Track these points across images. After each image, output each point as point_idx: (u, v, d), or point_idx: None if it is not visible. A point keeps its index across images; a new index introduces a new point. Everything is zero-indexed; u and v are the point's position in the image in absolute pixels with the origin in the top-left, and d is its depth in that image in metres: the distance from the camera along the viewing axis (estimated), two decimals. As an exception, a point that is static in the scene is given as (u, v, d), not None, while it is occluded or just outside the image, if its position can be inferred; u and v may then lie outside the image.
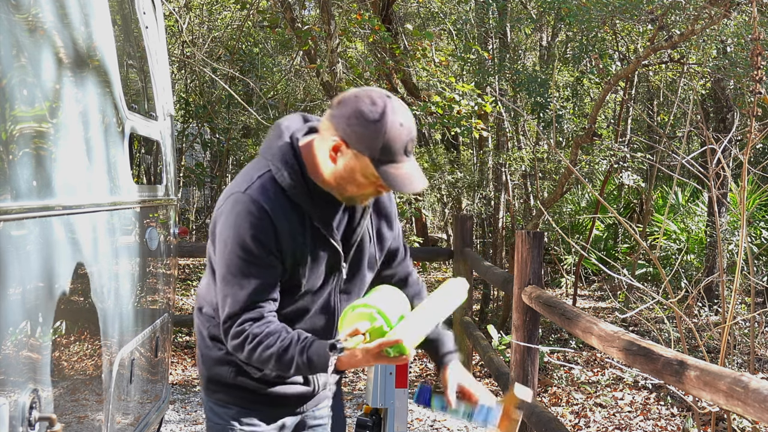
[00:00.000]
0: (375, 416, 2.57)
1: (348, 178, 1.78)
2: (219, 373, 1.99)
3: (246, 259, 1.78)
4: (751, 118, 2.92)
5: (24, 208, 1.79)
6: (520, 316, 3.63)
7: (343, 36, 7.56)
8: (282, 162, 1.82)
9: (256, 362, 1.84)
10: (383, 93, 1.76)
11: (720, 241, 3.45)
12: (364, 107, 1.72)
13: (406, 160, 1.74)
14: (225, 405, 2.01)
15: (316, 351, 1.77)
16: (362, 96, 1.74)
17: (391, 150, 1.72)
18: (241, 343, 1.82)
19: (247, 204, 1.78)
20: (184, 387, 5.78)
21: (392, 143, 1.71)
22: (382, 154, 1.71)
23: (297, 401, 2.05)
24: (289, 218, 1.81)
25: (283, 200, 1.81)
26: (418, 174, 1.75)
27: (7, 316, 1.71)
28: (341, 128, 1.74)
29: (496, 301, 8.51)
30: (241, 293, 1.80)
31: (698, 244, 10.20)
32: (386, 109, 1.71)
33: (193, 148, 12.60)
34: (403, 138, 1.73)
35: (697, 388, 1.90)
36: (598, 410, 5.47)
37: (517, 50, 9.90)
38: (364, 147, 1.72)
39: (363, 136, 1.71)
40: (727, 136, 3.50)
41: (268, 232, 1.78)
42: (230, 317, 1.82)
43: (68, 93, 2.14)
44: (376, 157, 1.72)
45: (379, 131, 1.70)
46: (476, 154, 10.44)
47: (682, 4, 6.08)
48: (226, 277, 1.82)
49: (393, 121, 1.71)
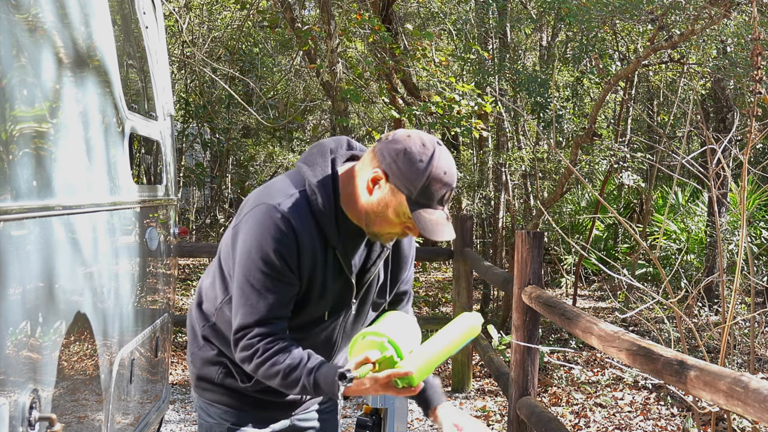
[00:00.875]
0: (375, 416, 2.57)
1: (380, 212, 1.78)
2: (208, 373, 1.99)
3: (267, 273, 1.78)
4: (751, 118, 2.92)
5: (24, 208, 1.79)
6: (520, 316, 3.63)
7: (343, 36, 7.57)
8: (319, 185, 1.82)
9: (262, 377, 1.83)
10: (435, 139, 1.78)
11: (720, 241, 3.45)
12: (414, 147, 1.73)
13: (440, 209, 1.76)
14: (214, 404, 2.01)
15: (324, 375, 1.77)
16: (414, 137, 1.76)
17: (430, 194, 1.73)
18: (249, 356, 1.81)
19: (276, 219, 1.77)
20: (184, 387, 5.78)
21: (432, 189, 1.73)
22: (420, 195, 1.73)
23: (286, 406, 2.04)
24: (313, 241, 1.81)
25: (311, 223, 1.81)
26: (448, 225, 1.77)
27: (7, 316, 1.71)
28: (386, 162, 1.75)
29: (496, 301, 8.51)
30: (257, 306, 1.80)
31: (698, 244, 10.20)
32: (434, 154, 1.73)
33: (193, 148, 12.61)
34: (444, 186, 1.74)
35: (697, 388, 1.90)
36: (598, 410, 5.47)
37: (517, 50, 9.90)
38: (403, 184, 1.73)
39: (406, 173, 1.73)
40: (727, 136, 3.50)
41: (292, 249, 1.78)
42: (243, 328, 1.82)
43: (68, 93, 2.14)
44: (413, 198, 1.73)
45: (422, 172, 1.72)
46: (476, 154, 10.45)
47: (682, 4, 6.08)
48: (245, 287, 1.81)
49: (438, 167, 1.73)
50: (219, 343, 1.97)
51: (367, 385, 1.74)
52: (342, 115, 7.23)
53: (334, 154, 1.87)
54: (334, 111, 7.18)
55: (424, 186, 1.72)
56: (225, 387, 1.99)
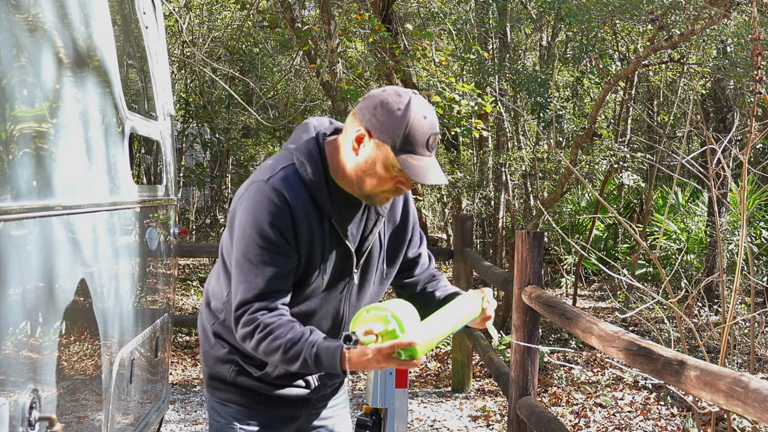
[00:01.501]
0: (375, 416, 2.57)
1: (368, 170, 1.80)
2: (220, 371, 2.00)
3: (263, 247, 1.79)
4: (751, 118, 2.92)
5: (24, 208, 1.79)
6: (520, 316, 3.63)
7: (343, 36, 7.56)
8: (306, 156, 1.85)
9: (263, 353, 1.82)
10: (409, 90, 1.81)
11: (720, 241, 3.45)
12: (390, 99, 1.77)
13: (427, 154, 1.77)
14: (225, 403, 2.01)
15: (326, 348, 1.77)
16: (389, 90, 1.80)
17: (413, 140, 1.75)
18: (251, 332, 1.81)
19: (268, 192, 1.81)
20: (184, 387, 5.78)
21: (414, 133, 1.75)
22: (404, 143, 1.75)
23: (297, 404, 2.04)
24: (307, 212, 1.83)
25: (303, 193, 1.83)
26: (438, 169, 1.78)
27: (7, 316, 1.71)
28: (366, 119, 1.78)
29: (496, 301, 8.50)
30: (256, 280, 1.80)
31: (698, 244, 10.20)
32: (411, 101, 1.77)
33: (193, 148, 12.60)
34: (425, 130, 1.76)
35: (697, 388, 1.90)
36: (598, 410, 5.47)
37: (517, 50, 9.90)
38: (386, 136, 1.76)
39: (386, 125, 1.75)
40: (727, 136, 3.50)
41: (287, 221, 1.80)
42: (243, 304, 1.82)
43: (68, 93, 2.14)
44: (397, 146, 1.75)
45: (402, 120, 1.75)
46: (476, 154, 10.45)
47: (682, 4, 6.07)
48: (242, 263, 1.82)
49: (417, 111, 1.76)
50: (229, 339, 1.97)
51: (370, 355, 1.72)
52: (342, 115, 7.23)
53: (317, 129, 1.91)
54: (334, 111, 7.18)
55: (405, 133, 1.75)
56: (237, 385, 1.99)
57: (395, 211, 2.02)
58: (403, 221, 2.03)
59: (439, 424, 5.16)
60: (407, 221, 2.04)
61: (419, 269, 2.10)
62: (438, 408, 5.51)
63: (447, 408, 5.52)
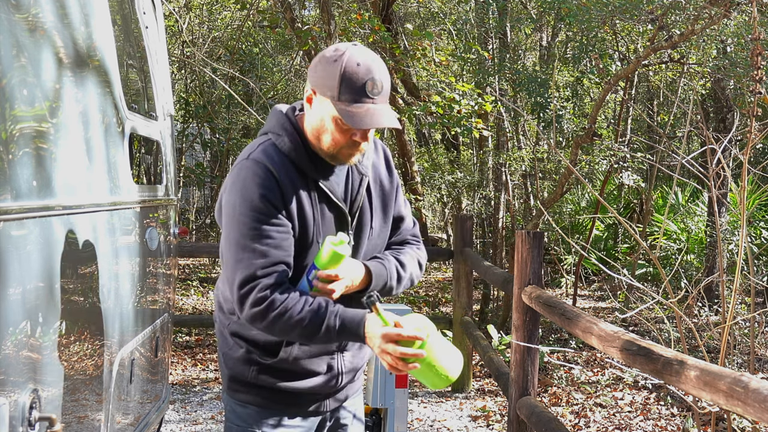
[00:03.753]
0: (375, 416, 2.58)
1: (321, 128, 1.82)
2: (241, 372, 1.98)
3: (258, 219, 1.79)
4: (751, 118, 2.92)
5: (24, 208, 1.79)
6: (520, 316, 3.63)
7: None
8: (280, 128, 1.88)
9: (279, 330, 1.80)
10: (351, 43, 1.82)
11: (720, 241, 3.45)
12: (327, 53, 1.80)
13: (369, 102, 1.77)
14: (245, 405, 2.00)
15: (352, 315, 1.78)
16: (330, 47, 1.83)
17: (350, 88, 1.75)
18: (264, 310, 1.78)
19: (251, 167, 1.82)
20: (184, 387, 5.78)
21: (349, 79, 1.75)
22: (342, 92, 1.76)
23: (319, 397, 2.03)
24: (292, 179, 1.83)
25: (285, 162, 1.84)
26: (384, 113, 1.77)
27: (7, 316, 1.71)
28: (311, 78, 1.83)
29: (496, 301, 8.51)
30: (255, 255, 1.78)
31: (698, 244, 10.20)
32: (346, 51, 1.78)
33: (193, 148, 12.60)
34: (360, 76, 1.76)
35: (697, 388, 1.90)
36: (598, 410, 5.47)
37: (517, 50, 9.90)
38: (326, 88, 1.78)
39: (324, 77, 1.78)
40: (727, 136, 3.49)
41: (275, 190, 1.80)
42: (247, 282, 1.79)
43: (68, 93, 2.14)
44: (336, 97, 1.76)
45: (336, 70, 1.76)
46: (476, 154, 10.45)
47: (682, 4, 6.07)
48: (239, 241, 1.80)
49: (350, 59, 1.77)
50: (246, 335, 1.96)
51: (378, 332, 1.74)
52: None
53: (287, 108, 1.94)
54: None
55: (340, 81, 1.75)
56: (258, 386, 1.97)
57: (379, 169, 2.02)
58: (388, 179, 2.03)
59: (439, 424, 5.16)
60: (392, 180, 2.04)
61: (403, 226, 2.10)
62: (438, 408, 5.51)
63: (447, 408, 5.52)
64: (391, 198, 2.04)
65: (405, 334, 1.74)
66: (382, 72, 1.79)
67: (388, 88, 1.82)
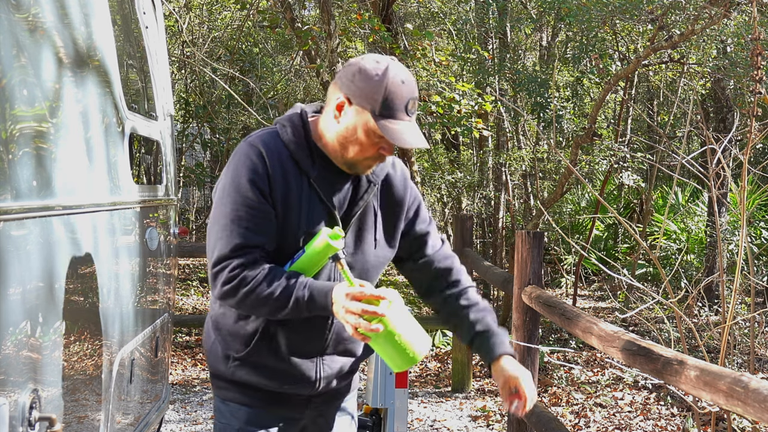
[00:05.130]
0: (375, 416, 2.57)
1: (350, 137, 1.82)
2: (220, 368, 1.99)
3: (240, 202, 1.82)
4: (751, 118, 2.92)
5: (24, 208, 1.79)
6: (520, 316, 3.63)
7: (343, 36, 7.57)
8: (287, 120, 1.90)
9: (250, 306, 1.82)
10: (388, 57, 1.84)
11: (720, 241, 3.45)
12: (368, 65, 1.80)
13: (406, 119, 1.79)
14: (226, 402, 2.01)
15: (319, 287, 1.78)
16: (367, 57, 1.83)
17: (392, 105, 1.77)
18: (234, 287, 1.80)
19: (246, 149, 1.85)
20: (184, 387, 5.78)
21: (393, 98, 1.77)
22: (383, 108, 1.77)
23: (300, 403, 2.02)
24: (284, 168, 1.85)
25: (282, 151, 1.86)
26: (417, 132, 1.80)
27: (7, 316, 1.71)
28: (345, 86, 1.81)
29: (496, 301, 8.51)
30: (232, 235, 1.81)
31: (698, 244, 10.21)
32: (389, 66, 1.79)
33: (193, 148, 12.60)
34: (404, 94, 1.78)
35: (697, 388, 1.90)
36: (598, 410, 5.47)
37: (517, 50, 9.90)
38: (366, 101, 1.78)
39: (365, 90, 1.78)
40: (727, 136, 3.50)
41: (263, 176, 1.82)
42: (221, 260, 1.82)
43: (68, 93, 2.14)
44: (376, 111, 1.77)
45: (380, 85, 1.77)
46: (476, 154, 10.45)
47: (682, 4, 6.07)
48: (220, 220, 1.84)
49: (395, 76, 1.78)
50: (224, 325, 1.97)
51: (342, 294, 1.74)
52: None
53: (302, 107, 1.95)
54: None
55: (384, 97, 1.77)
56: (236, 382, 1.97)
57: (393, 183, 2.01)
58: (402, 194, 2.02)
59: (439, 424, 5.16)
60: (406, 195, 2.03)
61: (430, 249, 2.07)
62: (438, 408, 5.51)
63: (447, 408, 5.52)
64: (402, 213, 2.02)
65: (368, 292, 1.72)
66: (416, 88, 1.83)
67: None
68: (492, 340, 1.99)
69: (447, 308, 2.07)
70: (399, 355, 1.77)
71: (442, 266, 2.07)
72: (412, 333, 1.78)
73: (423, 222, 2.06)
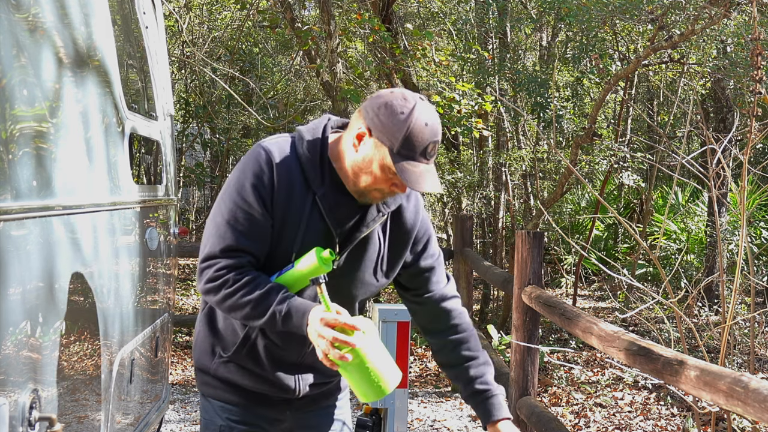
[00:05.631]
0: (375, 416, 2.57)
1: (365, 167, 1.81)
2: (205, 363, 2.00)
3: (239, 205, 1.82)
4: (751, 118, 2.92)
5: (24, 208, 1.79)
6: (520, 316, 3.63)
7: (343, 36, 7.56)
8: (307, 132, 1.89)
9: (229, 307, 1.83)
10: (417, 95, 1.81)
11: (720, 241, 3.45)
12: (395, 101, 1.78)
13: (424, 162, 1.77)
14: (209, 399, 2.02)
15: (298, 305, 1.78)
16: (396, 92, 1.81)
17: (412, 145, 1.75)
18: (218, 287, 1.82)
19: (257, 153, 1.85)
20: (184, 387, 5.78)
21: (414, 139, 1.75)
22: (402, 147, 1.75)
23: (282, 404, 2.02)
24: (292, 181, 1.84)
25: (293, 164, 1.85)
26: (433, 177, 1.78)
27: (7, 316, 1.71)
28: (369, 117, 1.79)
29: (496, 301, 8.51)
30: (225, 236, 1.82)
31: (698, 244, 10.21)
32: (416, 106, 1.77)
33: (193, 148, 12.60)
34: (426, 137, 1.76)
35: (697, 388, 1.90)
36: (598, 410, 5.47)
37: (517, 50, 9.90)
38: (386, 137, 1.76)
39: (388, 126, 1.76)
40: (727, 136, 3.49)
41: (267, 184, 1.82)
42: (209, 258, 1.84)
43: (68, 93, 2.14)
44: (395, 150, 1.75)
45: (404, 125, 1.75)
46: (476, 154, 10.45)
47: (682, 4, 6.07)
48: (216, 217, 1.86)
49: (419, 118, 1.76)
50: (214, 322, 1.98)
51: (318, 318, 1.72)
52: (342, 116, 7.22)
53: (329, 120, 1.94)
54: (334, 111, 7.18)
55: (405, 137, 1.75)
56: (220, 379, 1.98)
57: (404, 215, 1.99)
58: (410, 225, 2.00)
59: (439, 424, 5.16)
60: (415, 226, 2.01)
61: (434, 285, 2.05)
62: (438, 408, 5.51)
63: (447, 408, 5.52)
64: (407, 245, 2.00)
65: (342, 321, 1.71)
66: (440, 132, 1.80)
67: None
68: (491, 401, 2.00)
69: (446, 355, 2.06)
70: (368, 385, 1.76)
71: (443, 306, 2.05)
72: (383, 365, 1.76)
73: (431, 257, 2.04)
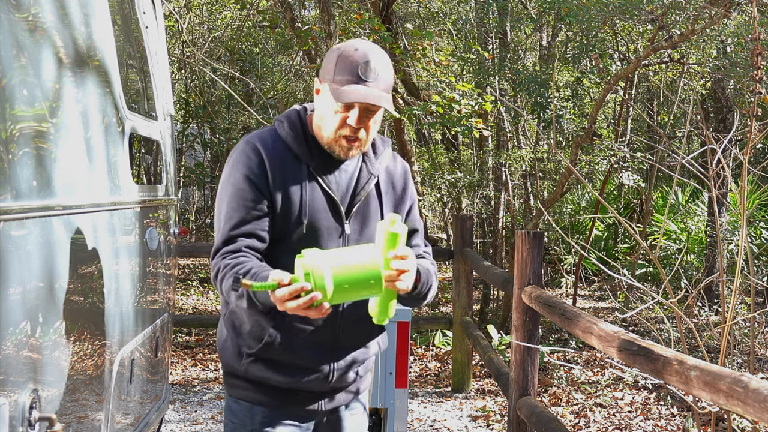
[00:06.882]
0: (375, 416, 2.57)
1: (324, 116, 1.88)
2: (234, 365, 2.01)
3: (235, 195, 1.88)
4: (751, 118, 2.92)
5: (24, 208, 1.79)
6: (520, 316, 3.63)
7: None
8: (285, 117, 1.97)
9: (225, 294, 1.88)
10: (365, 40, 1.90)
11: (720, 241, 3.45)
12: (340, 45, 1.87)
13: (362, 84, 1.81)
14: (238, 401, 2.02)
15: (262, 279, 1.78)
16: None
17: (344, 70, 1.81)
18: (214, 276, 1.88)
19: (243, 148, 1.92)
20: (184, 387, 5.78)
21: (344, 62, 1.82)
22: (336, 73, 1.82)
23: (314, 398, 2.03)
24: (283, 161, 1.90)
25: (281, 148, 1.92)
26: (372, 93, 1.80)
27: (7, 316, 1.71)
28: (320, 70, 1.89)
29: (496, 301, 8.51)
30: (224, 228, 1.89)
31: (698, 244, 10.21)
32: (351, 41, 1.86)
33: (193, 148, 12.60)
34: (355, 58, 1.82)
35: (697, 388, 1.90)
36: (598, 410, 5.47)
37: (517, 50, 9.90)
38: (326, 72, 1.85)
39: (326, 63, 1.86)
40: (727, 136, 3.49)
41: (258, 170, 1.88)
42: (215, 253, 1.90)
43: (68, 93, 2.14)
44: (332, 79, 1.83)
45: (334, 54, 1.84)
46: (476, 154, 10.45)
47: (682, 4, 6.07)
48: (217, 215, 1.94)
49: (349, 45, 1.85)
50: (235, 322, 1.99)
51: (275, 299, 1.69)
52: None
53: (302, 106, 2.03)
54: (334, 111, 7.16)
55: (336, 64, 1.82)
56: (250, 380, 1.99)
57: (393, 176, 2.06)
58: (401, 189, 2.07)
59: (439, 424, 5.16)
60: (405, 191, 2.08)
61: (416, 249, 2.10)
62: (438, 408, 5.51)
63: (447, 408, 5.52)
64: (402, 205, 2.08)
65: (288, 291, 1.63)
66: (379, 61, 1.84)
67: (387, 78, 1.85)
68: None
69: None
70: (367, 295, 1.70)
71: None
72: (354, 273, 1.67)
73: (418, 222, 2.11)
